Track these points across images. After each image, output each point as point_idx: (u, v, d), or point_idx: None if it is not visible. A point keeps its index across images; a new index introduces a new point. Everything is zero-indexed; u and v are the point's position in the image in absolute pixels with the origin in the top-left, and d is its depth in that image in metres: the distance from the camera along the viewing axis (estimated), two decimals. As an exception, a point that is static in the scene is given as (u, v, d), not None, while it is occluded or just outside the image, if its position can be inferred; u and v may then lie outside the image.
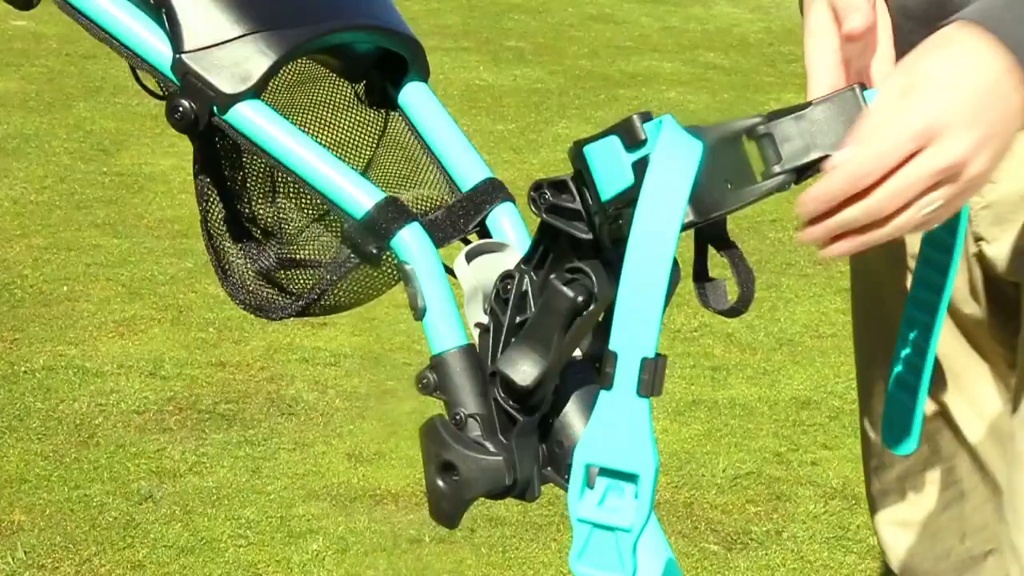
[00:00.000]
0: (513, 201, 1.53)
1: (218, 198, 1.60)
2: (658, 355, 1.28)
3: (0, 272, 4.95)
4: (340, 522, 3.58)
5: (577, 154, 1.35)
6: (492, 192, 1.53)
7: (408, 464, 3.84)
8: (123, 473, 3.74)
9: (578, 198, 1.36)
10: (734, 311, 1.39)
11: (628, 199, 1.32)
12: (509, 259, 1.45)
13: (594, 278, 1.36)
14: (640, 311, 1.28)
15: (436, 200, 1.54)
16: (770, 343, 4.71)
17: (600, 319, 1.42)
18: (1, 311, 4.66)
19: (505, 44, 8.58)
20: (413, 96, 1.59)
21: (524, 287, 1.40)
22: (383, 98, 1.61)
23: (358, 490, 3.72)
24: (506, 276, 1.42)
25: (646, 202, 1.28)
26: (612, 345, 1.29)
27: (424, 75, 1.60)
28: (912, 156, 1.28)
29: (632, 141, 1.33)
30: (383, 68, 1.60)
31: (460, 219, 1.51)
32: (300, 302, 1.55)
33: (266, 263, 1.60)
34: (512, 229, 1.52)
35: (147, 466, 3.79)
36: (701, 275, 1.40)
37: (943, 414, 1.84)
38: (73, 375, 4.24)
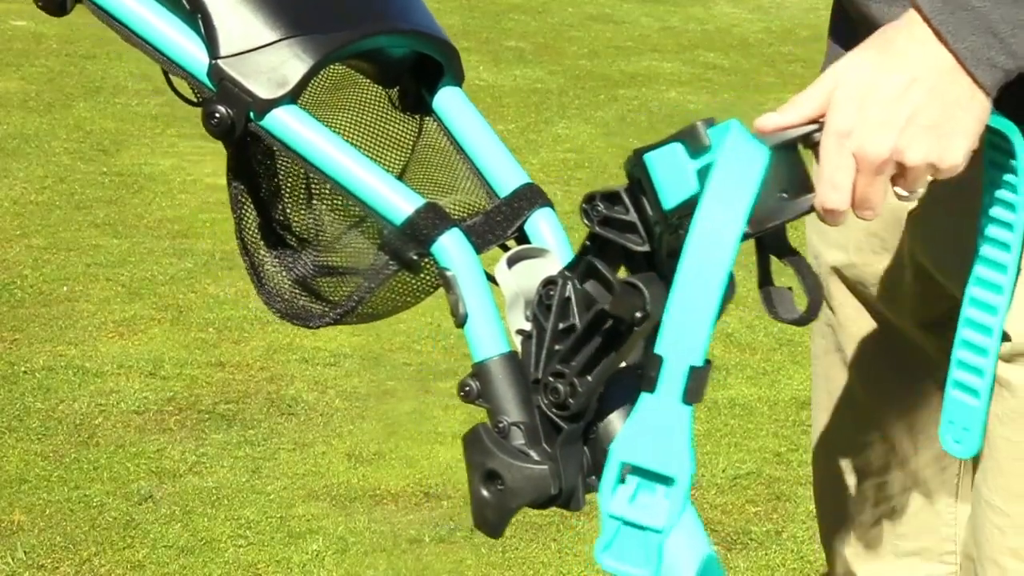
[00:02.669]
0: (552, 206, 1.51)
1: (252, 205, 1.58)
2: (706, 362, 1.27)
3: (0, 272, 4.94)
4: (340, 522, 3.58)
5: (636, 162, 1.32)
6: (531, 197, 1.50)
7: (408, 464, 3.84)
8: (123, 473, 3.74)
9: (632, 209, 1.34)
10: (802, 320, 1.37)
11: (692, 208, 1.30)
12: (550, 265, 1.44)
13: (647, 294, 1.33)
14: (691, 318, 1.26)
15: (473, 206, 1.51)
16: (770, 343, 4.71)
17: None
18: (1, 311, 4.65)
19: (505, 44, 8.58)
20: (448, 101, 1.57)
21: (567, 293, 1.38)
22: (417, 103, 1.59)
23: (358, 490, 3.72)
24: (548, 282, 1.40)
25: (706, 208, 1.26)
26: (659, 349, 1.27)
27: (459, 79, 1.58)
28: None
29: (696, 147, 1.30)
30: (417, 72, 1.58)
31: (499, 225, 1.49)
32: (338, 310, 1.53)
33: (302, 271, 1.58)
34: (551, 234, 1.49)
35: (147, 466, 3.78)
36: (765, 284, 1.38)
37: (877, 429, 1.84)
38: (73, 375, 4.24)
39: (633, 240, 1.34)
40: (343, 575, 3.38)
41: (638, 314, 1.33)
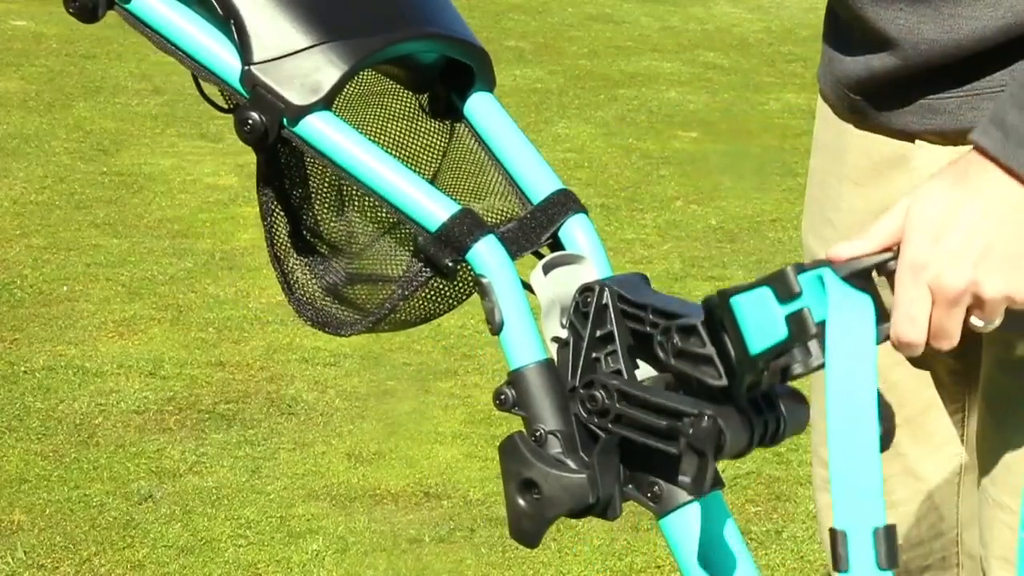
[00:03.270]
0: (586, 212, 1.50)
1: (283, 213, 1.57)
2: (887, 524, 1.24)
3: (0, 272, 4.95)
4: (340, 522, 3.58)
5: (721, 304, 1.30)
6: (565, 204, 1.48)
7: (407, 464, 3.84)
8: (123, 473, 3.74)
9: (709, 343, 1.32)
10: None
11: (779, 353, 1.28)
12: (586, 271, 1.42)
13: (727, 432, 1.31)
14: (858, 483, 1.25)
15: (506, 212, 1.50)
16: (770, 343, 4.71)
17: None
18: (1, 311, 4.65)
19: (505, 44, 8.58)
20: (480, 107, 1.56)
21: (604, 300, 1.37)
22: (448, 109, 1.58)
23: (358, 490, 3.72)
24: (585, 289, 1.39)
25: (836, 371, 1.25)
26: (838, 524, 1.25)
27: (490, 85, 1.57)
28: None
29: (787, 294, 1.28)
30: (448, 78, 1.57)
31: (533, 231, 1.47)
32: (370, 318, 1.51)
33: (333, 279, 1.57)
34: (586, 241, 1.48)
35: (147, 466, 3.78)
36: None
37: None
38: (73, 375, 4.24)
39: (709, 373, 1.32)
40: (343, 575, 3.38)
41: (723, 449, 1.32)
